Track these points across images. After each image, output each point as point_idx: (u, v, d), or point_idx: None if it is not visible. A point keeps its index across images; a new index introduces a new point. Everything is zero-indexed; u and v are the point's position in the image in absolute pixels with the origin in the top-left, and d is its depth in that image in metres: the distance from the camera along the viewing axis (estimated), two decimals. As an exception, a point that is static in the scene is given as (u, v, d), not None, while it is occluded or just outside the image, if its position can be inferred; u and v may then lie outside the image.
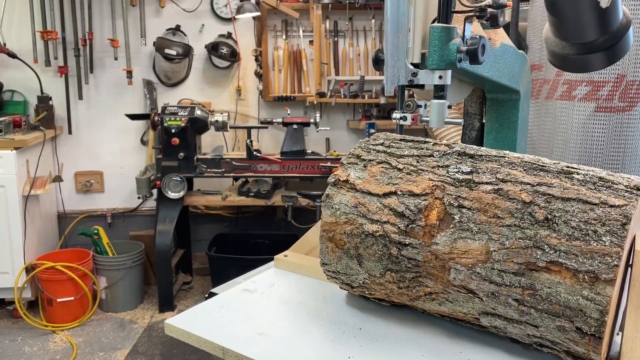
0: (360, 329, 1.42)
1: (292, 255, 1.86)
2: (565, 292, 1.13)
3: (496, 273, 1.20)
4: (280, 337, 1.38)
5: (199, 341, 1.39)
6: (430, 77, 1.50)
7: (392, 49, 1.49)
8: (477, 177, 1.28)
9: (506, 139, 2.10)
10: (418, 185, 1.33)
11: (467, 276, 1.24)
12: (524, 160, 1.31)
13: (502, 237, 1.20)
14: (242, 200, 4.87)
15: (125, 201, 5.52)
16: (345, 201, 1.40)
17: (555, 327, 1.17)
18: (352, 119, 5.53)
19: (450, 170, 1.33)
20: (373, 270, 1.37)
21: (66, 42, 5.11)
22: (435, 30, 1.47)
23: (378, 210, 1.35)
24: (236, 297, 1.61)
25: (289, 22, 5.34)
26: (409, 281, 1.33)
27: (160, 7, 5.23)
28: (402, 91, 1.59)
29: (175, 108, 4.66)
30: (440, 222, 1.28)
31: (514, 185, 1.24)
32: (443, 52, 1.47)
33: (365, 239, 1.36)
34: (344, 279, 1.47)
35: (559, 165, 1.28)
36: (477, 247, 1.22)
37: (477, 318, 1.30)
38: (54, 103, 5.13)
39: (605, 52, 2.22)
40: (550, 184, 1.22)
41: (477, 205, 1.25)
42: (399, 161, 1.40)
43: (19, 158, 4.50)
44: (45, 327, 4.55)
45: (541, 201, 1.19)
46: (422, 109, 1.58)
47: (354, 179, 1.41)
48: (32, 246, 4.69)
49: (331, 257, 1.45)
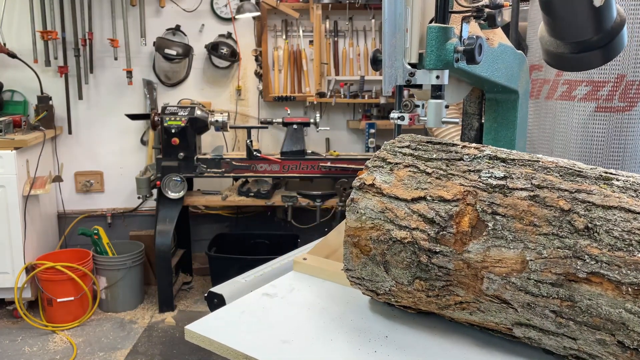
0: (386, 337, 1.36)
1: (311, 259, 1.80)
2: (607, 304, 1.08)
3: (532, 283, 1.15)
4: (304, 345, 1.32)
5: (221, 348, 1.33)
6: (427, 77, 1.48)
7: (389, 49, 1.46)
8: (512, 183, 1.23)
9: (505, 139, 2.08)
10: (448, 190, 1.27)
11: (501, 286, 1.18)
12: (559, 165, 1.25)
13: (539, 246, 1.14)
14: (242, 200, 4.82)
15: (125, 201, 5.46)
16: (372, 206, 1.34)
17: (594, 340, 1.11)
18: (352, 119, 5.49)
19: (482, 175, 1.27)
20: (401, 277, 1.31)
21: (66, 42, 5.05)
22: (432, 31, 1.44)
23: (406, 216, 1.29)
24: (256, 302, 1.55)
25: (289, 22, 5.29)
26: (438, 290, 1.27)
27: (160, 7, 5.17)
28: (400, 91, 1.58)
29: (175, 108, 4.61)
30: (472, 229, 1.22)
31: (550, 192, 1.18)
32: (440, 52, 1.44)
33: (392, 246, 1.30)
34: (368, 285, 1.41)
35: (597, 171, 1.23)
36: (512, 256, 1.17)
37: (509, 328, 1.24)
38: (54, 103, 5.07)
39: (600, 51, 2.20)
40: (589, 191, 1.16)
41: (512, 212, 1.19)
42: (427, 165, 1.34)
43: (19, 158, 4.44)
44: (45, 327, 4.49)
45: (581, 209, 1.14)
46: (420, 109, 1.55)
47: (380, 182, 1.36)
48: (32, 246, 4.63)
49: (356, 263, 1.39)
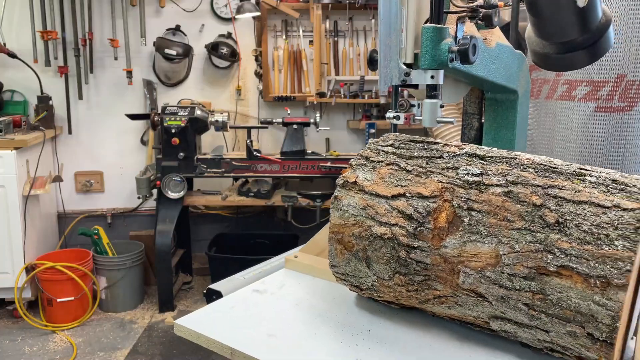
0: (369, 331, 1.41)
1: (302, 257, 1.86)
2: (577, 297, 1.13)
3: (506, 277, 1.20)
4: (289, 339, 1.38)
5: (208, 342, 1.38)
6: (422, 77, 1.50)
7: (385, 49, 1.49)
8: (487, 179, 1.28)
9: (504, 139, 2.11)
10: (427, 187, 1.32)
11: (476, 280, 1.23)
12: (536, 162, 1.30)
13: (512, 240, 1.19)
14: (242, 200, 4.87)
15: (125, 201, 5.52)
16: (354, 203, 1.40)
17: (566, 333, 1.16)
18: (352, 119, 5.54)
19: (459, 172, 1.32)
20: (382, 273, 1.37)
21: (66, 42, 5.11)
22: (427, 31, 1.47)
23: (386, 212, 1.34)
24: (246, 298, 1.61)
25: (289, 22, 5.35)
26: (417, 284, 1.33)
27: (160, 7, 5.23)
28: (396, 91, 1.60)
29: (175, 108, 4.66)
30: (449, 225, 1.27)
31: (524, 188, 1.23)
32: (435, 52, 1.47)
33: (373, 242, 1.35)
34: (352, 281, 1.47)
35: (572, 167, 1.27)
36: (487, 251, 1.22)
37: (486, 322, 1.29)
38: (54, 103, 5.13)
39: (585, 51, 2.24)
40: (561, 187, 1.21)
41: (487, 208, 1.24)
42: (408, 163, 1.40)
43: (19, 158, 4.50)
44: (45, 327, 4.55)
45: (552, 204, 1.19)
46: (415, 109, 1.58)
47: (362, 180, 1.41)
48: (32, 246, 4.69)
49: (340, 259, 1.44)
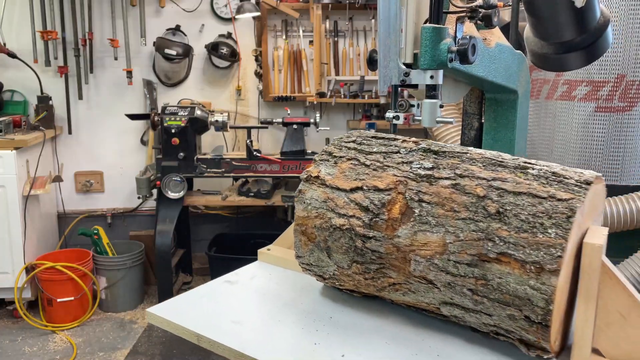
0: (330, 317, 1.52)
1: (275, 249, 1.96)
2: (514, 282, 1.23)
3: (452, 264, 1.30)
4: (253, 325, 1.48)
5: (176, 328, 1.49)
6: (422, 77, 1.56)
7: (384, 49, 1.55)
8: (438, 173, 1.38)
9: (504, 139, 2.16)
10: (383, 180, 1.43)
11: (425, 267, 1.33)
12: (485, 157, 1.40)
13: (458, 229, 1.29)
14: (242, 201, 4.95)
15: (125, 201, 5.63)
16: (316, 196, 1.50)
17: (506, 316, 1.26)
18: (352, 119, 5.63)
19: (413, 166, 1.42)
20: (341, 262, 1.47)
21: (66, 42, 5.22)
22: (426, 31, 1.52)
23: (345, 204, 1.44)
24: (217, 288, 1.72)
25: (289, 22, 5.44)
26: (373, 272, 1.43)
27: (160, 7, 5.34)
28: (395, 91, 1.65)
29: (175, 108, 4.74)
30: (402, 216, 1.37)
31: (470, 180, 1.33)
32: (434, 52, 1.52)
33: (333, 233, 1.45)
34: (316, 270, 1.57)
35: (517, 161, 1.37)
36: (435, 240, 1.32)
37: (438, 308, 1.39)
38: (54, 103, 5.24)
39: (583, 51, 2.29)
40: (504, 179, 1.31)
41: (436, 199, 1.34)
42: (367, 158, 1.50)
43: (19, 158, 4.60)
44: (45, 327, 4.65)
45: (494, 195, 1.29)
46: (415, 109, 1.64)
47: (324, 175, 1.51)
48: (32, 246, 4.79)
49: (304, 250, 1.55)
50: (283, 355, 1.36)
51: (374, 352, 1.37)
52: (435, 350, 1.37)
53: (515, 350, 1.33)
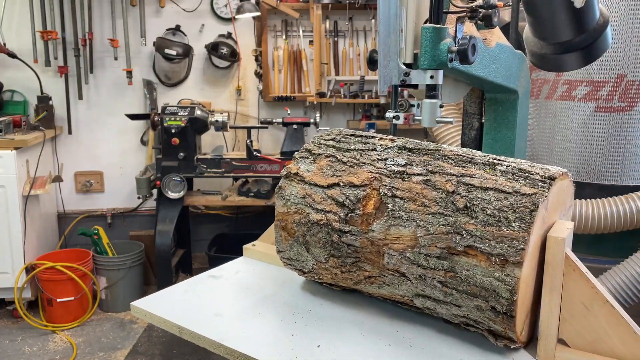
0: (309, 310, 1.59)
1: (259, 245, 2.04)
2: (481, 274, 1.29)
3: (422, 257, 1.36)
4: (233, 318, 1.56)
5: (159, 321, 1.56)
6: (422, 77, 1.59)
7: (384, 49, 1.59)
8: (410, 169, 1.45)
9: (504, 139, 2.20)
10: (358, 177, 1.49)
11: (398, 260, 1.40)
12: (456, 154, 1.47)
13: (428, 224, 1.36)
14: (242, 201, 5.00)
15: (125, 201, 5.68)
16: (295, 192, 1.57)
17: (474, 307, 1.33)
18: (352, 119, 5.68)
19: (387, 163, 1.49)
20: (319, 256, 1.54)
21: (66, 42, 5.27)
22: (427, 31, 1.56)
23: (322, 200, 1.51)
24: (201, 283, 1.80)
25: (289, 22, 5.50)
26: (349, 266, 1.50)
27: (160, 7, 5.40)
28: (396, 91, 1.68)
29: (175, 108, 4.79)
30: (376, 210, 1.44)
31: (441, 176, 1.40)
32: (434, 52, 1.56)
33: (311, 227, 1.53)
34: (296, 265, 1.64)
35: (487, 158, 1.44)
36: (407, 234, 1.39)
37: (411, 300, 1.46)
38: (54, 103, 5.29)
39: (582, 52, 2.32)
40: (472, 175, 1.38)
41: (408, 195, 1.41)
42: (344, 155, 1.57)
43: (19, 158, 4.64)
44: (45, 327, 4.69)
45: (463, 190, 1.36)
46: (415, 109, 1.68)
47: (303, 171, 1.58)
48: (32, 246, 4.83)
49: (284, 245, 1.62)
50: (261, 346, 1.43)
51: (349, 343, 1.44)
52: (408, 341, 1.44)
53: (485, 341, 1.40)
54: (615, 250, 3.07)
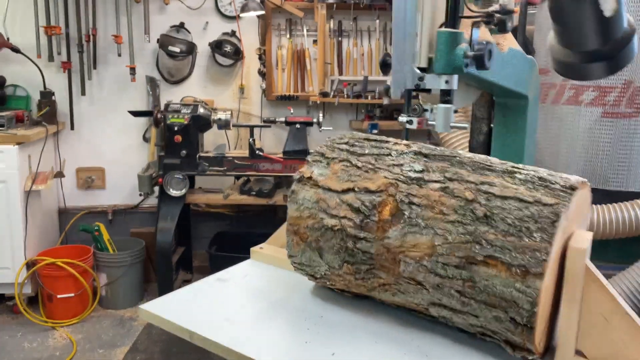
0: (321, 316, 1.56)
1: (267, 248, 2.01)
2: (501, 284, 1.26)
3: (440, 266, 1.33)
4: (244, 323, 1.52)
5: (169, 325, 1.53)
6: (436, 82, 1.57)
7: (398, 53, 1.57)
8: (427, 176, 1.42)
9: (514, 144, 2.18)
10: (374, 182, 1.46)
11: (415, 268, 1.37)
12: (474, 160, 1.44)
13: (446, 232, 1.33)
14: (243, 199, 4.98)
15: (127, 198, 5.65)
16: (309, 197, 1.54)
17: (492, 318, 1.30)
18: (354, 119, 5.65)
19: (404, 168, 1.46)
20: (332, 262, 1.51)
21: (70, 37, 5.23)
22: (442, 35, 1.54)
23: (337, 205, 1.48)
24: (209, 286, 1.76)
25: (293, 21, 5.47)
26: (364, 273, 1.47)
27: (164, 4, 5.35)
28: (408, 95, 1.66)
29: (178, 106, 4.77)
30: (392, 217, 1.41)
31: (459, 184, 1.37)
32: (450, 57, 1.54)
33: (325, 233, 1.49)
34: (308, 270, 1.61)
35: (505, 166, 1.41)
36: (425, 242, 1.36)
37: (426, 308, 1.43)
38: (57, 98, 5.26)
39: (608, 61, 2.29)
40: (492, 183, 1.35)
41: (426, 202, 1.38)
42: (359, 159, 1.54)
43: (21, 153, 4.61)
44: (45, 323, 4.67)
45: (482, 199, 1.33)
46: (428, 113, 1.66)
47: (317, 175, 1.55)
48: (32, 242, 4.80)
49: (296, 249, 1.59)
50: (274, 353, 1.40)
51: (364, 351, 1.41)
52: (423, 350, 1.41)
53: (501, 351, 1.37)
54: (620, 256, 3.05)
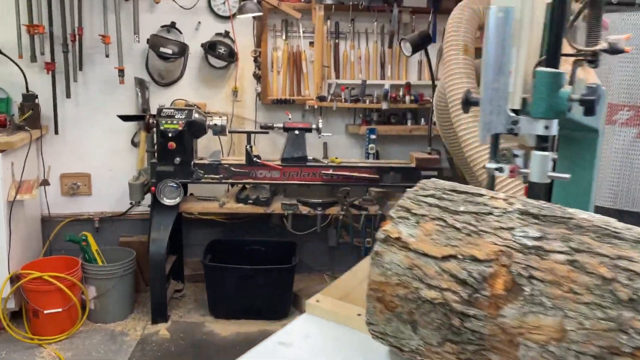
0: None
1: (324, 300, 1.81)
2: (652, 380, 1.09)
3: (573, 354, 1.15)
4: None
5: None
6: (533, 127, 1.41)
7: (490, 93, 1.40)
8: (548, 245, 1.23)
9: (581, 180, 2.00)
10: (481, 249, 1.27)
11: (538, 354, 1.18)
12: (595, 224, 1.25)
13: (580, 315, 1.15)
14: (240, 208, 4.83)
15: (114, 205, 5.44)
16: (398, 261, 1.34)
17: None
18: (351, 123, 5.50)
19: (515, 233, 1.27)
20: (430, 338, 1.32)
21: (54, 37, 5.00)
22: (543, 76, 1.38)
23: (437, 275, 1.29)
24: (273, 353, 1.56)
25: (289, 22, 5.29)
26: (470, 353, 1.28)
27: (154, 3, 5.12)
28: (496, 138, 1.50)
29: (171, 110, 4.59)
30: (508, 292, 1.22)
31: (590, 257, 1.18)
32: (552, 100, 1.38)
33: (422, 305, 1.30)
34: (392, 341, 1.42)
35: (633, 232, 1.23)
36: (551, 324, 1.17)
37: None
38: (40, 101, 5.01)
39: None
40: (630, 258, 1.16)
41: (550, 277, 1.19)
42: (455, 219, 1.34)
43: (4, 161, 4.38)
44: (31, 340, 4.46)
45: (623, 278, 1.14)
46: (519, 159, 1.49)
47: (406, 236, 1.36)
48: (15, 253, 4.55)
49: (379, 317, 1.39)
50: None
51: None
52: None
53: None
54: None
